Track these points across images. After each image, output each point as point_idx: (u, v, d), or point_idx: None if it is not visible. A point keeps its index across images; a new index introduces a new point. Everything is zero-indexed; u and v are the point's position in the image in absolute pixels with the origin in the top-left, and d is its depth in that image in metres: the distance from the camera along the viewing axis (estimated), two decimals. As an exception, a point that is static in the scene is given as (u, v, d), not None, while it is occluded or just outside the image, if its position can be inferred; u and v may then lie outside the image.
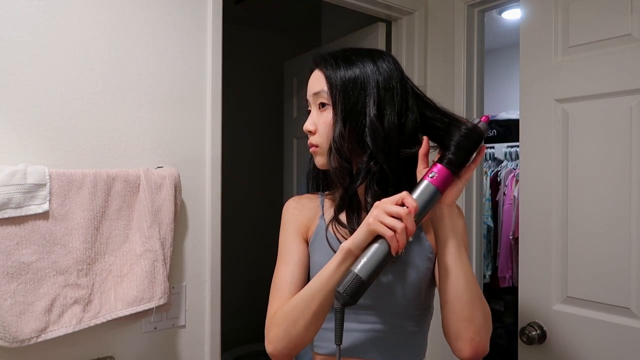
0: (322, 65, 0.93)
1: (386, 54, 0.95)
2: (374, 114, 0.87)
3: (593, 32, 1.31)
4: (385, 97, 0.89)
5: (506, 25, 3.25)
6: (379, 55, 0.93)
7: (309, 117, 0.96)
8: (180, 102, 1.31)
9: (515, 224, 2.88)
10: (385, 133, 0.87)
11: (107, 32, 1.19)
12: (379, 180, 0.89)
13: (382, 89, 0.89)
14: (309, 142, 0.95)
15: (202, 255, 1.35)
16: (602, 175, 1.29)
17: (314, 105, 0.95)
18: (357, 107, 0.88)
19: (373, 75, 0.89)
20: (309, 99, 0.96)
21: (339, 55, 0.93)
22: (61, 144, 1.14)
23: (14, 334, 1.00)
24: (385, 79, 0.89)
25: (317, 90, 0.92)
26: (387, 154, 0.88)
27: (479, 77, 1.82)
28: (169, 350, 1.29)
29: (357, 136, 0.89)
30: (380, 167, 0.88)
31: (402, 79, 0.92)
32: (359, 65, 0.90)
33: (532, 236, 1.43)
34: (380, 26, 1.93)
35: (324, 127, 0.92)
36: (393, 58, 0.94)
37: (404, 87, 0.91)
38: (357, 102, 0.88)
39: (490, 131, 3.26)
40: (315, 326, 0.83)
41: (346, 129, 0.88)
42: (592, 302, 1.30)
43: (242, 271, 3.00)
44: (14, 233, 1.02)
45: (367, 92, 0.88)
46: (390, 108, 0.88)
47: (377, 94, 0.88)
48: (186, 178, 1.30)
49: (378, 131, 0.87)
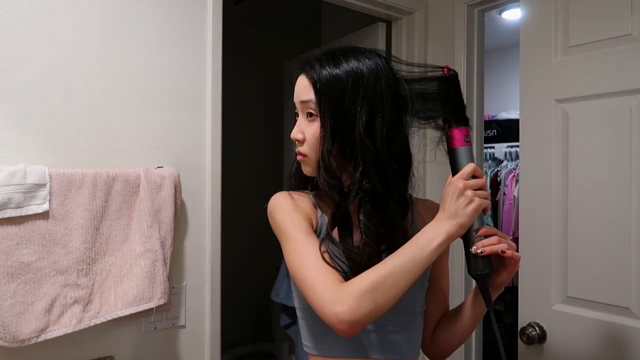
0: (310, 71, 0.88)
1: (377, 55, 0.89)
2: (363, 128, 0.83)
3: (593, 32, 1.31)
4: (375, 109, 0.84)
5: (506, 25, 3.25)
6: (369, 59, 0.87)
7: (296, 124, 0.91)
8: (180, 102, 1.31)
9: (515, 224, 2.88)
10: (377, 150, 0.84)
11: (108, 32, 1.19)
12: (371, 199, 0.85)
13: (372, 102, 0.84)
14: (297, 151, 0.91)
15: (202, 255, 1.35)
16: (602, 175, 1.29)
17: (302, 113, 0.90)
18: (346, 121, 0.84)
19: (363, 83, 0.84)
20: (296, 104, 0.92)
21: (327, 61, 0.87)
22: (61, 144, 1.14)
23: (14, 334, 1.00)
24: (375, 91, 0.84)
25: (305, 99, 0.88)
26: (379, 171, 0.84)
27: (479, 77, 1.82)
28: (169, 350, 1.29)
29: (348, 152, 0.85)
30: (372, 186, 0.84)
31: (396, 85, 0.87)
32: (350, 74, 0.84)
33: (532, 236, 1.43)
34: (380, 26, 1.93)
35: (313, 139, 0.88)
36: (382, 59, 0.88)
37: (395, 97, 0.86)
38: (346, 116, 0.84)
39: (490, 131, 3.26)
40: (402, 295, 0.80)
41: (334, 146, 0.85)
42: (592, 302, 1.30)
43: (242, 271, 3.00)
44: (14, 233, 1.02)
45: (357, 104, 0.84)
46: (380, 121, 0.84)
47: (367, 107, 0.84)
48: (186, 178, 1.30)
49: (368, 148, 0.83)
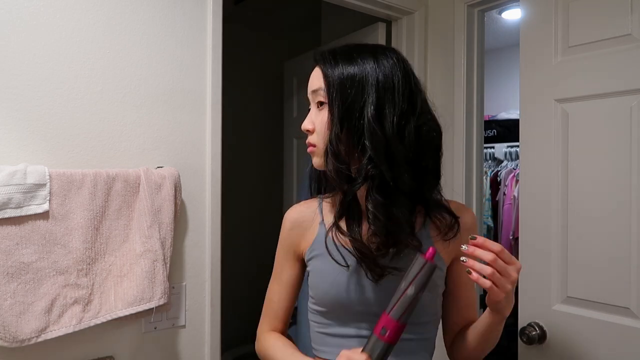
0: (321, 62, 0.89)
1: (391, 50, 0.90)
2: (372, 114, 0.82)
3: (593, 32, 1.31)
4: (385, 96, 0.83)
5: (506, 25, 3.25)
6: (382, 52, 0.88)
7: (308, 115, 0.92)
8: (180, 102, 1.31)
9: (515, 224, 2.88)
10: (386, 136, 0.82)
11: (107, 32, 1.19)
12: (379, 187, 0.84)
13: (382, 88, 0.83)
14: (307, 141, 0.92)
15: (202, 255, 1.35)
16: (602, 175, 1.29)
17: (313, 104, 0.91)
18: (354, 106, 0.83)
19: (373, 73, 0.84)
20: (309, 97, 0.93)
21: (339, 52, 0.88)
22: (61, 144, 1.14)
23: (14, 334, 1.00)
24: (386, 77, 0.84)
25: (315, 87, 0.89)
26: (387, 158, 0.83)
27: (479, 77, 1.82)
28: (169, 350, 1.29)
29: (355, 138, 0.84)
30: (379, 172, 0.83)
31: (407, 76, 0.87)
32: (359, 62, 0.85)
33: (532, 236, 1.43)
34: (380, 26, 1.93)
35: (321, 126, 0.88)
36: (398, 55, 0.89)
37: (408, 86, 0.86)
38: (354, 102, 0.83)
39: (490, 131, 3.26)
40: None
41: (343, 130, 0.84)
42: (592, 302, 1.30)
43: (242, 271, 3.00)
44: (14, 233, 1.02)
45: (366, 91, 0.83)
46: (391, 108, 0.83)
47: (377, 93, 0.83)
48: (186, 178, 1.30)
49: (376, 133, 0.82)
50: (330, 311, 0.93)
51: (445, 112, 1.80)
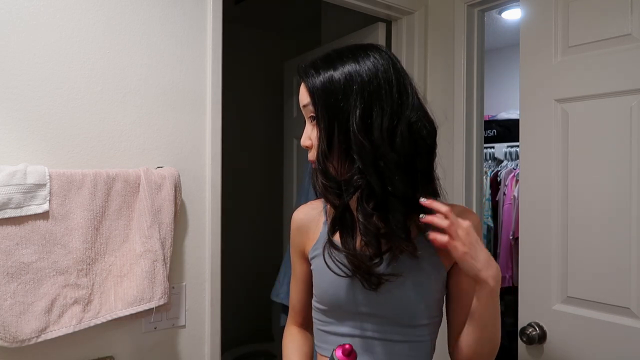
0: (304, 76, 0.87)
1: (372, 47, 0.87)
2: (357, 124, 0.80)
3: (593, 32, 1.31)
4: (372, 99, 0.81)
5: (506, 25, 3.25)
6: (363, 51, 0.85)
7: (304, 130, 0.90)
8: (180, 102, 1.31)
9: (515, 224, 2.88)
10: (374, 145, 0.80)
11: (107, 32, 1.19)
12: (368, 197, 0.82)
13: (367, 91, 0.81)
14: (309, 159, 0.90)
15: (202, 255, 1.35)
16: (602, 176, 1.29)
17: (307, 118, 0.90)
18: (339, 118, 0.82)
19: (356, 76, 0.81)
20: (302, 112, 0.91)
21: (320, 61, 0.86)
22: (61, 144, 1.14)
23: (14, 334, 1.00)
24: (370, 78, 0.81)
25: (305, 103, 0.88)
26: (376, 168, 0.81)
27: (479, 77, 1.82)
28: (169, 350, 1.29)
29: (344, 150, 0.83)
30: (367, 182, 0.81)
31: (394, 72, 0.84)
32: (339, 68, 0.83)
33: (532, 236, 1.43)
34: (380, 26, 1.93)
35: (316, 142, 0.87)
36: (381, 51, 0.86)
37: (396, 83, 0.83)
38: (339, 113, 0.81)
39: (490, 131, 3.26)
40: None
41: (331, 145, 0.83)
42: (592, 302, 1.30)
43: (242, 271, 3.00)
44: (14, 233, 1.02)
45: (352, 97, 0.81)
46: (379, 111, 0.81)
47: (362, 98, 0.81)
48: (186, 178, 1.30)
49: (363, 144, 0.80)
50: (329, 310, 0.95)
51: (445, 112, 1.80)
